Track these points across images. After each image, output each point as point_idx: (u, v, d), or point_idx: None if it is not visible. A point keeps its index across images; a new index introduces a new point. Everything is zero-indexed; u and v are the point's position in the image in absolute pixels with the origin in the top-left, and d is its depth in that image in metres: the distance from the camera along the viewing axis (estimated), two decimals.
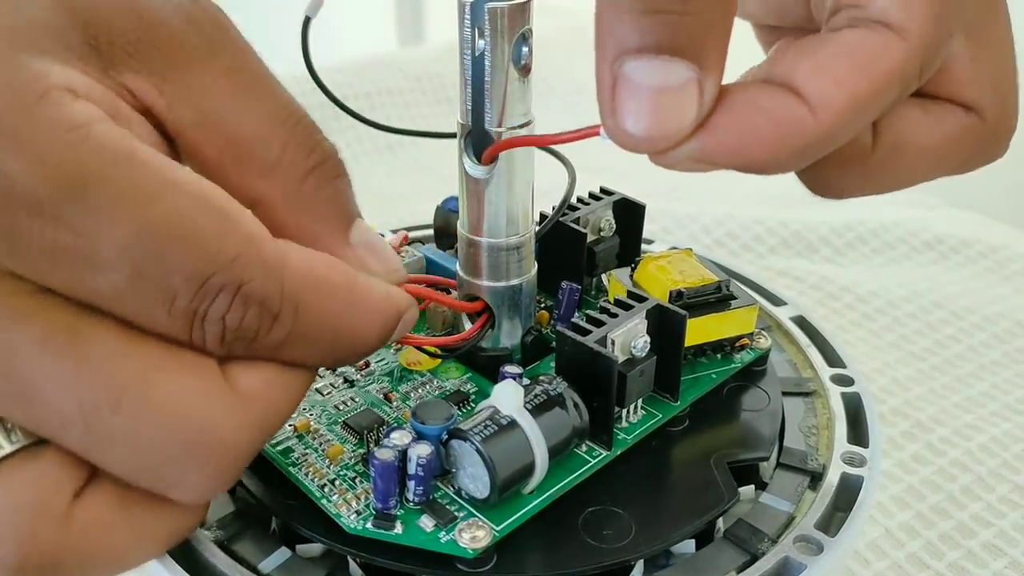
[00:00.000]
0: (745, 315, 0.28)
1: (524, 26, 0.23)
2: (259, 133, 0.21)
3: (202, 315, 0.19)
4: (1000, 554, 0.31)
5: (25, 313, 0.19)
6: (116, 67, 0.21)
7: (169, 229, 0.19)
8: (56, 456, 0.20)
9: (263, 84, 0.23)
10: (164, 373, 0.20)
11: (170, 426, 0.19)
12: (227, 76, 0.22)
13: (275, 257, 0.20)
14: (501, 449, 0.22)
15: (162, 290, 0.19)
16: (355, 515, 0.23)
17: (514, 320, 0.27)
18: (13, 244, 0.18)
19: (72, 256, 0.18)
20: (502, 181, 0.25)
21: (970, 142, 0.24)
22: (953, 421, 0.37)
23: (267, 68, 0.23)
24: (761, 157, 0.20)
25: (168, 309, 0.19)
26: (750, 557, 0.24)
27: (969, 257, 0.49)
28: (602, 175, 0.59)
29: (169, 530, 0.22)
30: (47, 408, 0.19)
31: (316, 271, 0.21)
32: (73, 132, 0.19)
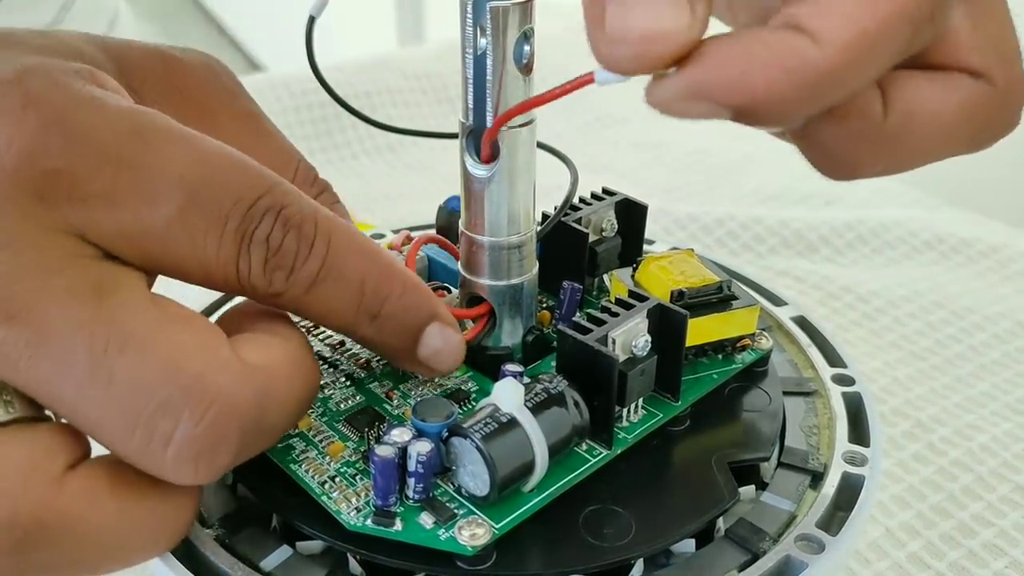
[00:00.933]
0: (746, 315, 0.28)
1: (526, 25, 0.23)
2: (274, 167, 0.23)
3: (249, 236, 0.21)
4: (1001, 554, 0.31)
5: (58, 266, 0.20)
6: (147, 104, 0.23)
7: (220, 159, 0.21)
8: (52, 428, 0.21)
9: (271, 128, 0.28)
10: (175, 327, 0.21)
11: (169, 370, 0.20)
12: (244, 121, 0.26)
13: (307, 197, 0.23)
14: (501, 447, 0.22)
15: (215, 215, 0.21)
16: (355, 512, 0.23)
17: (515, 319, 0.27)
18: (74, 184, 0.20)
19: (129, 193, 0.21)
20: (504, 180, 0.25)
21: (981, 110, 0.23)
22: (954, 421, 0.37)
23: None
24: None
25: (220, 233, 0.21)
26: (751, 556, 0.24)
27: (970, 257, 0.49)
28: (604, 175, 0.59)
29: (158, 518, 0.21)
30: (56, 349, 0.19)
31: (343, 222, 0.23)
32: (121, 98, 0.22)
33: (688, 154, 0.62)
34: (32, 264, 0.20)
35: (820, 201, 0.55)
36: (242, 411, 0.20)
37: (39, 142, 0.20)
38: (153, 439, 0.20)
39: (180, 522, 0.22)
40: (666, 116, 0.21)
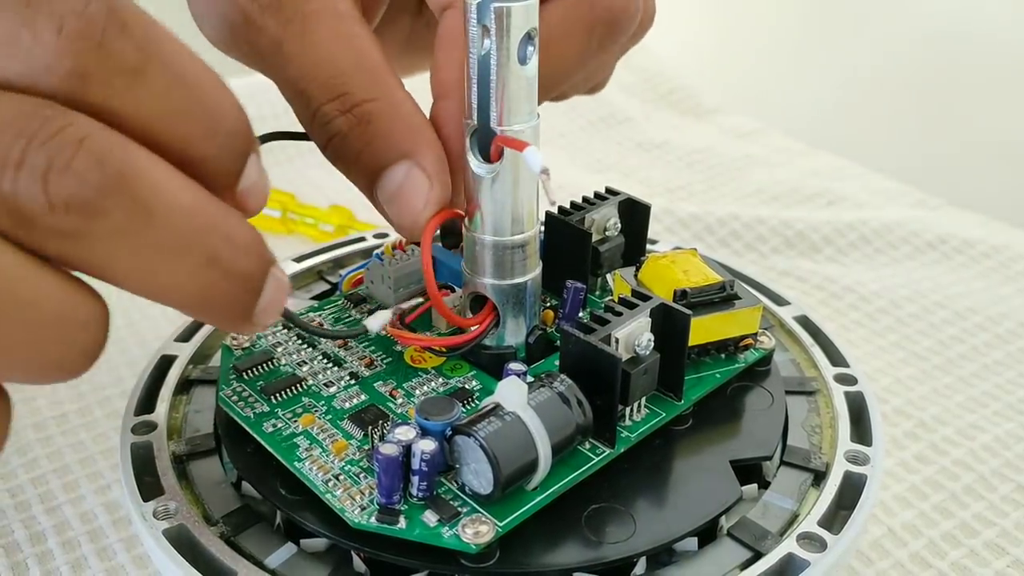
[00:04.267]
0: (749, 315, 0.29)
1: (530, 26, 0.23)
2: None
3: (38, 9, 0.18)
4: (1002, 553, 0.31)
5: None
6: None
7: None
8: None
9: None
10: None
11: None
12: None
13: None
14: (505, 445, 0.22)
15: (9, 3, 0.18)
16: (359, 510, 0.23)
17: (519, 318, 0.27)
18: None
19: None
20: (507, 179, 0.25)
21: (575, 15, 0.28)
22: (956, 421, 0.37)
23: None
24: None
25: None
26: (754, 554, 0.24)
27: (972, 257, 0.49)
28: (608, 175, 0.59)
29: (66, 283, 0.19)
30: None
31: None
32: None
33: (691, 154, 0.62)
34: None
35: (823, 201, 0.55)
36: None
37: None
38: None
39: (92, 306, 0.19)
40: (666, 116, 0.22)
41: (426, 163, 0.25)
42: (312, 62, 0.25)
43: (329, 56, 0.25)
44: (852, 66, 1.05)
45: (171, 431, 0.28)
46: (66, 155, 0.17)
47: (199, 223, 0.19)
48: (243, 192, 0.21)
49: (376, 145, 0.25)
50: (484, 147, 0.25)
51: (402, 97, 0.26)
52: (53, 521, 0.31)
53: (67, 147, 0.18)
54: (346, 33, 0.26)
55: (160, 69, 0.19)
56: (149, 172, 0.18)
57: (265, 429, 0.26)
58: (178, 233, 0.19)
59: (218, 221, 0.19)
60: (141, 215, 0.18)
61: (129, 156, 0.18)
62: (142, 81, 0.18)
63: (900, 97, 1.02)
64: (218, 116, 0.20)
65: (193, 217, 0.19)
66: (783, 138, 0.65)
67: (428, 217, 0.25)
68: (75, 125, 0.18)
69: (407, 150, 0.25)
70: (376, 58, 0.26)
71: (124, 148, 0.18)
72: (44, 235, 0.18)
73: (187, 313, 0.21)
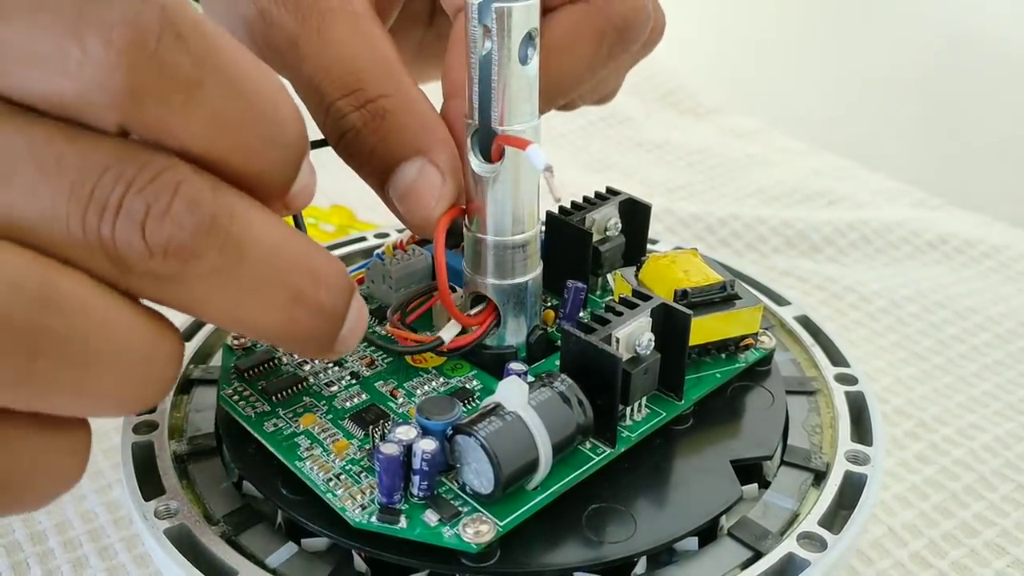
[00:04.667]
0: (750, 315, 0.29)
1: (530, 26, 0.23)
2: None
3: (87, 21, 0.17)
4: (1003, 553, 0.31)
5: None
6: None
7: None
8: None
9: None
10: None
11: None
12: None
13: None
14: (505, 445, 0.22)
15: (54, 14, 0.17)
16: (360, 509, 0.23)
17: (519, 318, 0.28)
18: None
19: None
20: (508, 179, 0.25)
21: (590, 23, 0.29)
22: (956, 421, 0.37)
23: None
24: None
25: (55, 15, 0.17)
26: (754, 554, 0.24)
27: (973, 257, 0.49)
28: (608, 174, 0.59)
29: (148, 322, 0.19)
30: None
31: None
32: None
33: (691, 153, 0.62)
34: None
35: (823, 201, 0.55)
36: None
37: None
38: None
39: (175, 345, 0.20)
40: (666, 116, 0.23)
41: (439, 160, 0.25)
42: (328, 58, 0.25)
43: (345, 53, 0.25)
44: (853, 66, 1.05)
45: (172, 431, 0.28)
46: (163, 202, 0.18)
47: (286, 261, 0.19)
48: (293, 195, 0.21)
49: (390, 141, 0.25)
50: (485, 147, 0.25)
51: (416, 95, 0.26)
52: (54, 520, 0.31)
53: (164, 193, 0.18)
54: (362, 31, 0.26)
55: (219, 81, 0.18)
56: (240, 212, 0.19)
57: (266, 429, 0.26)
58: (266, 272, 0.19)
59: (303, 258, 0.20)
60: (233, 256, 0.18)
61: (220, 198, 0.18)
62: (200, 95, 0.18)
63: (901, 97, 1.02)
64: (277, 128, 0.19)
65: (280, 255, 0.19)
66: (784, 138, 0.65)
67: (440, 214, 0.25)
68: (170, 170, 0.18)
69: (420, 147, 0.25)
70: (391, 56, 0.26)
71: (215, 190, 0.18)
72: (140, 278, 0.18)
73: (270, 343, 0.21)
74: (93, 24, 0.17)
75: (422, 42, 0.35)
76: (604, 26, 0.29)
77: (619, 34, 0.29)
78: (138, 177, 0.17)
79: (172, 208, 0.18)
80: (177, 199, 0.18)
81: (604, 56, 0.30)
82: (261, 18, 0.26)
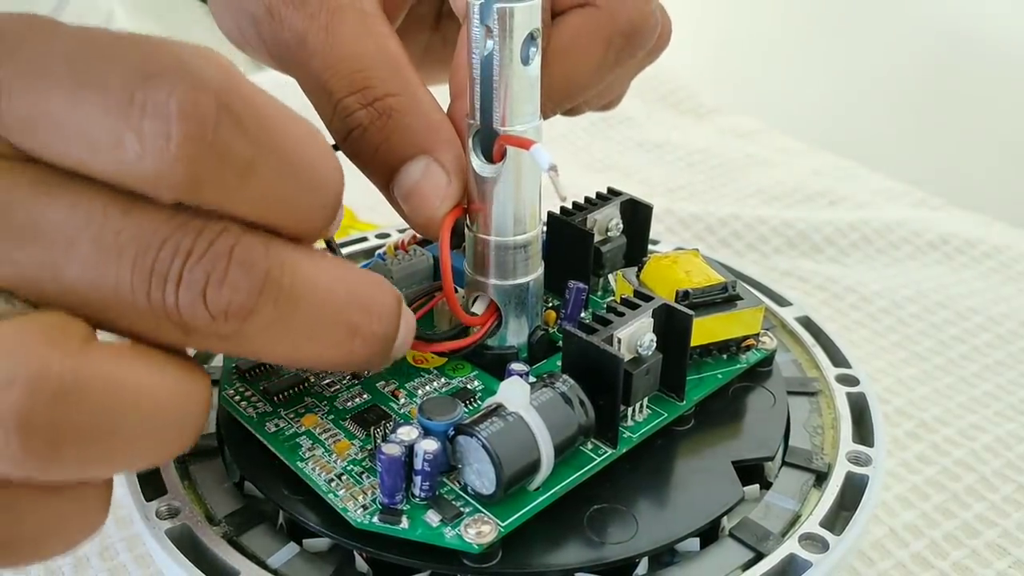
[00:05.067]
0: (751, 316, 0.29)
1: (532, 26, 0.23)
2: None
3: (141, 103, 0.17)
4: (1004, 554, 0.31)
5: (9, 171, 0.18)
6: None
7: (112, 36, 0.18)
8: (62, 312, 0.19)
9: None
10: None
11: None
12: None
13: (227, 63, 0.18)
14: (507, 445, 0.22)
15: (100, 83, 0.17)
16: (362, 510, 0.23)
17: (521, 319, 0.28)
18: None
19: (20, 78, 0.18)
20: (510, 180, 0.25)
21: (597, 27, 0.29)
22: (957, 421, 0.37)
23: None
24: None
25: (106, 101, 0.17)
26: (755, 555, 0.24)
27: (974, 257, 0.49)
28: (609, 175, 0.59)
29: (180, 382, 0.20)
30: (49, 234, 0.18)
31: (271, 97, 0.20)
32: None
33: (692, 154, 0.62)
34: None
35: (824, 201, 0.55)
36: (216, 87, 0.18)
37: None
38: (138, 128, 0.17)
39: (201, 395, 0.20)
40: (666, 116, 0.23)
41: (445, 160, 0.25)
42: (336, 55, 0.25)
43: (353, 50, 0.25)
44: (853, 66, 1.05)
45: None
46: (220, 269, 0.18)
47: (338, 301, 0.20)
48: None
49: (396, 139, 0.25)
50: (487, 147, 0.25)
51: (423, 94, 0.26)
52: None
53: (220, 261, 0.18)
54: (370, 29, 0.26)
55: (272, 160, 0.19)
56: (290, 263, 0.19)
57: (268, 429, 0.26)
58: (321, 315, 0.20)
59: (354, 293, 0.21)
60: (288, 306, 0.19)
61: (272, 253, 0.19)
62: (254, 175, 0.18)
63: (901, 97, 1.02)
64: (323, 190, 0.20)
65: (332, 297, 0.20)
66: (784, 138, 0.65)
67: (444, 214, 0.25)
68: (223, 235, 0.18)
69: (427, 146, 0.25)
70: (399, 55, 0.26)
71: (267, 247, 0.19)
72: (202, 338, 0.19)
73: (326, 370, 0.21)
74: (149, 112, 0.17)
75: (428, 45, 0.35)
76: (611, 31, 0.29)
77: (626, 39, 0.29)
78: (195, 247, 0.18)
79: (229, 274, 0.18)
80: (233, 265, 0.18)
81: (611, 61, 0.30)
82: (269, 15, 0.26)
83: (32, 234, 0.18)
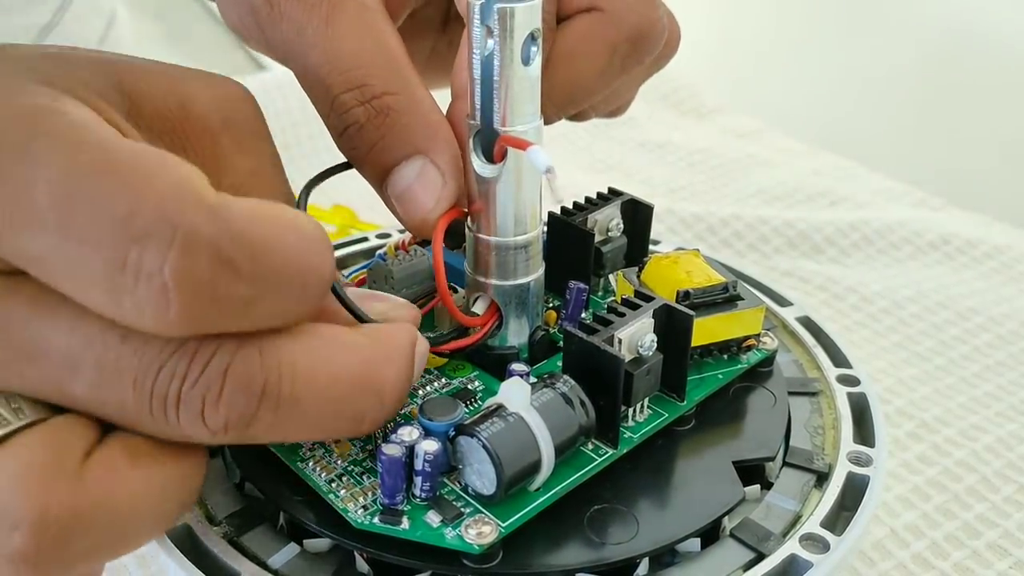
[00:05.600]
0: (752, 316, 0.28)
1: (533, 26, 0.23)
2: None
3: (135, 269, 0.17)
4: (1005, 554, 0.31)
5: (7, 289, 0.19)
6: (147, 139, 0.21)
7: (96, 169, 0.18)
8: (63, 422, 0.20)
9: (277, 192, 0.24)
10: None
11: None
12: (247, 178, 0.23)
13: (212, 200, 0.18)
14: (508, 446, 0.22)
15: (89, 238, 0.17)
16: (362, 510, 0.23)
17: (521, 319, 0.27)
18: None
19: (5, 215, 0.18)
20: (511, 180, 0.25)
21: (604, 32, 0.29)
22: (958, 422, 0.37)
23: (283, 173, 0.24)
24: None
25: (98, 259, 0.18)
26: (756, 555, 0.24)
27: (975, 258, 0.49)
28: (610, 175, 0.59)
29: (179, 475, 0.21)
30: (51, 355, 0.19)
31: (259, 206, 0.19)
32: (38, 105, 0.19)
33: (693, 154, 0.62)
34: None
35: (825, 202, 0.55)
36: (210, 243, 0.18)
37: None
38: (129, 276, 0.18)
39: (197, 476, 0.21)
40: (667, 116, 0.23)
41: (440, 161, 0.25)
42: (334, 50, 0.25)
43: (352, 46, 0.25)
44: (854, 66, 1.05)
45: None
46: (215, 390, 0.19)
47: (342, 390, 0.21)
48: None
49: (391, 138, 0.25)
50: (487, 148, 0.25)
51: (422, 94, 0.26)
52: None
53: (215, 383, 0.19)
54: (370, 25, 0.26)
55: (267, 287, 0.19)
56: (290, 366, 0.20)
57: None
58: (325, 406, 0.20)
59: (360, 377, 0.21)
60: (289, 409, 0.20)
61: (267, 360, 0.19)
62: (251, 306, 0.19)
63: (902, 97, 1.02)
64: (315, 286, 0.20)
65: (336, 386, 0.20)
66: (785, 138, 0.65)
67: (438, 215, 0.25)
68: (217, 355, 0.19)
69: (422, 146, 0.25)
70: (399, 53, 0.26)
71: (262, 355, 0.19)
72: (205, 441, 0.20)
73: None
74: (144, 279, 0.18)
75: (434, 49, 0.35)
76: (616, 37, 0.29)
77: (632, 46, 0.29)
78: (190, 372, 0.19)
79: (224, 395, 0.19)
80: (228, 384, 0.19)
81: (616, 68, 0.29)
82: (269, 5, 0.26)
83: (35, 353, 0.19)
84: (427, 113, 0.25)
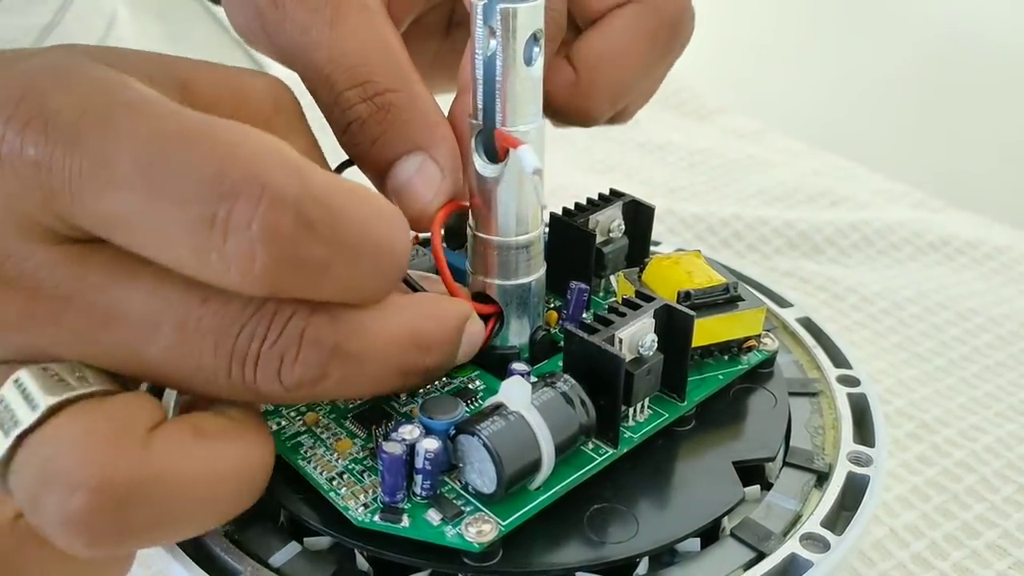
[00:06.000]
0: (752, 317, 0.29)
1: (536, 27, 0.23)
2: None
3: (223, 225, 0.18)
4: (1004, 554, 0.31)
5: (84, 258, 0.20)
6: None
7: (180, 134, 0.19)
8: (130, 396, 0.20)
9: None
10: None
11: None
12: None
13: (296, 162, 0.19)
14: (508, 445, 0.22)
15: (178, 197, 0.18)
16: (363, 508, 0.23)
17: (523, 319, 0.28)
18: (50, 185, 0.19)
19: (90, 180, 0.18)
20: (512, 180, 0.25)
21: (643, 21, 0.29)
22: (958, 422, 0.37)
23: (325, 159, 0.26)
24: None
25: (186, 217, 0.18)
26: (756, 555, 0.24)
27: (975, 258, 0.49)
28: (611, 176, 0.59)
29: (246, 460, 0.21)
30: (129, 318, 0.20)
31: (338, 179, 0.20)
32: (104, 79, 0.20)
33: (693, 154, 0.62)
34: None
35: (825, 202, 0.55)
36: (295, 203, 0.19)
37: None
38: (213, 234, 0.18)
39: (264, 462, 0.22)
40: (668, 117, 0.24)
41: (440, 156, 0.26)
42: (338, 49, 0.26)
43: (356, 45, 0.26)
44: (854, 67, 1.05)
45: None
46: (293, 351, 0.20)
47: (398, 349, 0.22)
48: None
49: (393, 133, 0.26)
50: (489, 147, 0.25)
51: (423, 92, 0.26)
52: None
53: (292, 344, 0.20)
54: (373, 26, 0.26)
55: (345, 253, 0.20)
56: (358, 331, 0.21)
57: (269, 428, 0.26)
58: (382, 364, 0.22)
59: (412, 336, 0.22)
60: (355, 367, 0.21)
61: (339, 326, 0.20)
62: (329, 271, 0.20)
63: (902, 98, 1.02)
64: (391, 265, 0.21)
65: (392, 346, 0.22)
66: (785, 139, 0.65)
67: (436, 208, 0.26)
68: (294, 318, 0.20)
69: (423, 142, 0.26)
70: (400, 52, 0.26)
71: (333, 324, 0.20)
72: (272, 401, 0.22)
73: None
74: (232, 234, 0.18)
75: (437, 54, 0.35)
76: (656, 24, 0.29)
77: (671, 31, 0.30)
78: (269, 333, 0.20)
79: (300, 355, 0.20)
80: (304, 346, 0.20)
81: (657, 56, 0.30)
82: (274, 6, 0.26)
83: (112, 317, 0.20)
84: (427, 111, 0.26)
